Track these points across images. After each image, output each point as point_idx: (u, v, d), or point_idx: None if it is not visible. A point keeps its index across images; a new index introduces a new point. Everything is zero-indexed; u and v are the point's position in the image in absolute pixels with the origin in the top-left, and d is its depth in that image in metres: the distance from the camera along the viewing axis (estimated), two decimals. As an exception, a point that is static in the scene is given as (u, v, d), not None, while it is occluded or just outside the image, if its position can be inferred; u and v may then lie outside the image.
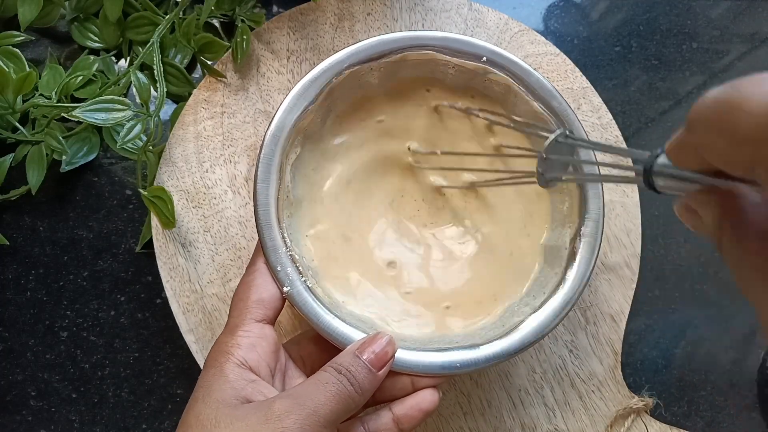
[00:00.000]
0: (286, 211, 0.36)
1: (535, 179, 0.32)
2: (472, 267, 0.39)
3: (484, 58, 0.38)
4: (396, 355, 0.33)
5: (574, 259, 0.36)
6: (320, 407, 0.29)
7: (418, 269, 0.39)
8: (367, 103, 0.40)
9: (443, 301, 0.38)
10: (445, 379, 0.35)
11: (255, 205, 0.35)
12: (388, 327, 0.36)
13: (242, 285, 0.34)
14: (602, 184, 0.37)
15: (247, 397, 0.29)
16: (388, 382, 0.33)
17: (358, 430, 0.32)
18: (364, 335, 0.33)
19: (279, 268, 0.34)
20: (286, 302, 0.34)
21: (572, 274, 0.36)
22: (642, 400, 0.41)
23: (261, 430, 0.28)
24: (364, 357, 0.31)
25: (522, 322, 0.35)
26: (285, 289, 0.34)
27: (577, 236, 0.36)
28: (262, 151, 0.35)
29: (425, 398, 0.33)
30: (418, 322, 0.37)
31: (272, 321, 0.33)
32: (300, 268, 0.34)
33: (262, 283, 0.34)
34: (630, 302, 0.43)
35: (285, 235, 0.35)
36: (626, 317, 0.42)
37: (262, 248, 0.34)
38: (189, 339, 0.40)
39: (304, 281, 0.34)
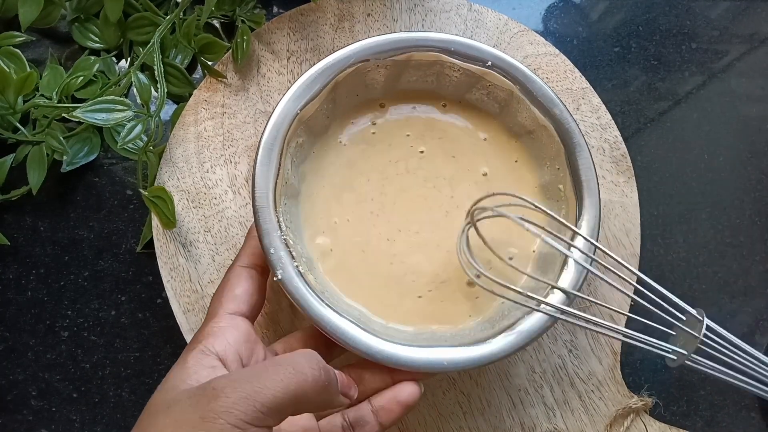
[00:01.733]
0: (284, 198, 0.36)
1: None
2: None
3: (489, 63, 0.38)
4: (384, 348, 0.33)
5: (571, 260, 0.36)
6: (260, 391, 0.25)
7: (420, 257, 0.39)
8: (372, 101, 0.40)
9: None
10: (426, 376, 0.34)
11: (252, 187, 0.35)
12: (377, 319, 0.37)
13: (219, 285, 0.35)
14: (599, 187, 0.37)
15: (203, 381, 0.28)
16: (367, 376, 0.33)
17: (337, 420, 0.32)
18: (354, 325, 0.33)
19: (272, 251, 0.34)
20: (286, 303, 0.34)
21: (569, 275, 0.36)
22: (641, 400, 0.42)
23: (189, 415, 0.25)
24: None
25: (515, 323, 0.34)
26: (277, 272, 0.34)
27: (574, 236, 0.36)
28: (264, 136, 0.35)
29: (404, 390, 0.33)
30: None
31: (246, 314, 0.34)
32: (293, 253, 0.34)
33: (236, 282, 0.34)
34: (629, 302, 0.43)
35: (281, 219, 0.35)
36: (625, 317, 0.42)
37: (257, 231, 0.34)
38: (189, 339, 0.40)
39: (297, 266, 0.34)
